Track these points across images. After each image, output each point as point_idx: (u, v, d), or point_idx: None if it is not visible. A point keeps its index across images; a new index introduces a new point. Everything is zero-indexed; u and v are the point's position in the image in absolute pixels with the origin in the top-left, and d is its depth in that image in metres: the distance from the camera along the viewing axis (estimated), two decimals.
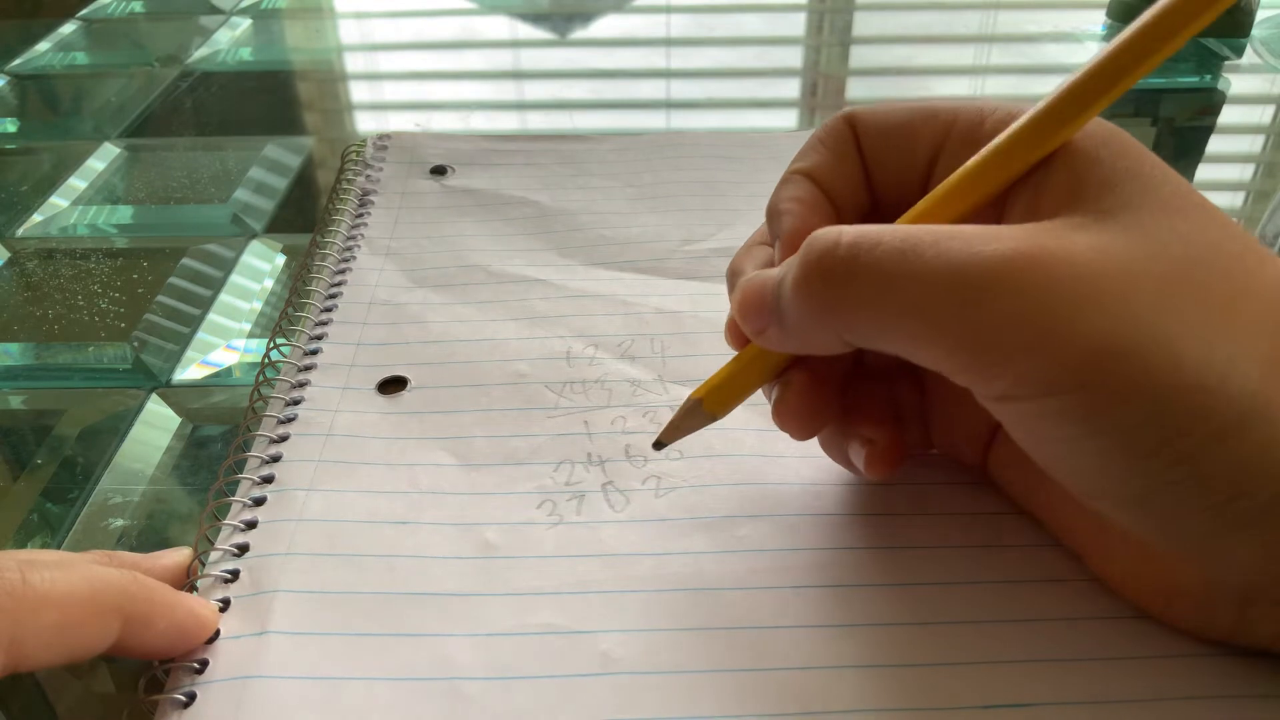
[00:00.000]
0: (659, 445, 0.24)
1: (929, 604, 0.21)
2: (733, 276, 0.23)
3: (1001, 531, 0.23)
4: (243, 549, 0.23)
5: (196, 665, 0.20)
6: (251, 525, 0.24)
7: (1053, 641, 0.20)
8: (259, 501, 0.24)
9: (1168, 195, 0.18)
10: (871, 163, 0.23)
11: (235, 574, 0.22)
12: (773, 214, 0.23)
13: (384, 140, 0.43)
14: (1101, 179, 0.18)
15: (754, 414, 0.27)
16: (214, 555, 0.23)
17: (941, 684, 0.20)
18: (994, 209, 0.20)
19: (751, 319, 0.21)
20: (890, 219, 0.21)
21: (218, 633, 0.21)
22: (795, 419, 0.22)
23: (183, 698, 0.20)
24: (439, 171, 0.41)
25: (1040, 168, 0.19)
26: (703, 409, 0.23)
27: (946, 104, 0.22)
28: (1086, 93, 0.19)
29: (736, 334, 0.23)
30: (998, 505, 0.24)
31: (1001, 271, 0.17)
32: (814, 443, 0.26)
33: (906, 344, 0.18)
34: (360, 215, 0.37)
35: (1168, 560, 0.19)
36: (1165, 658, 0.20)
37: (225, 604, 0.22)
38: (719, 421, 0.23)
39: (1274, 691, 0.19)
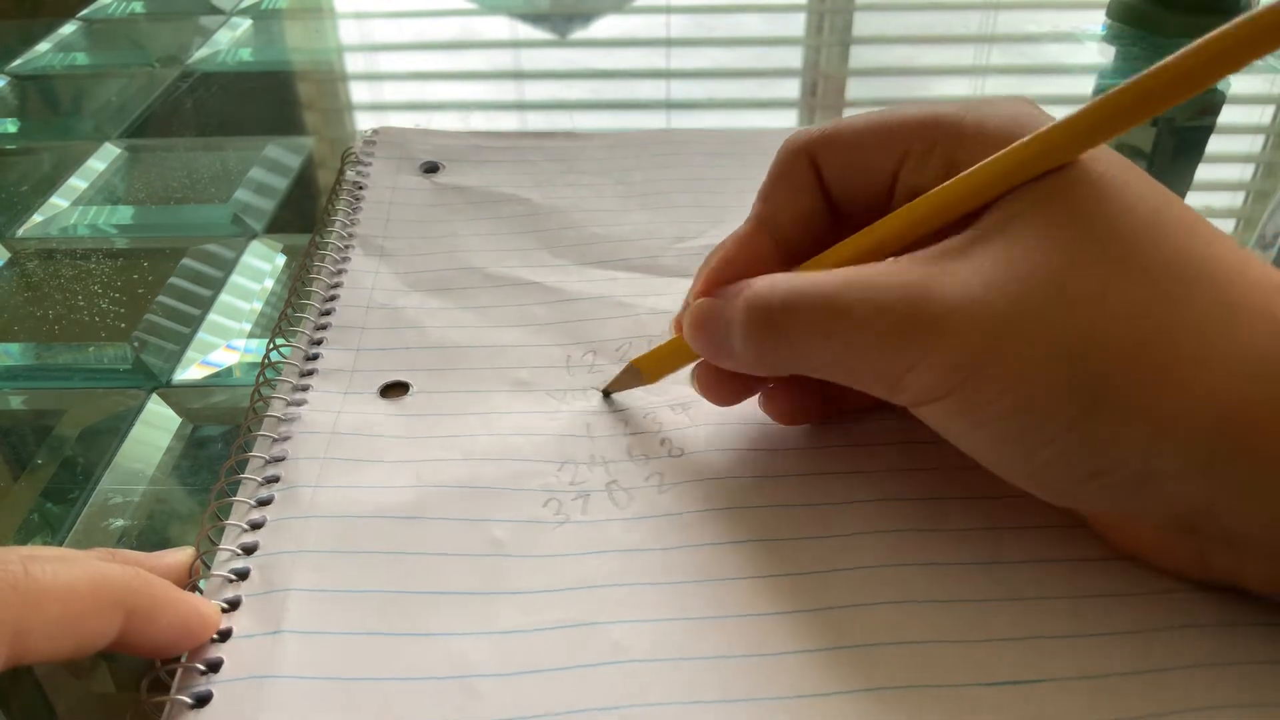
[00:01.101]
0: (606, 394, 0.28)
1: (929, 585, 0.22)
2: (695, 279, 0.26)
3: (998, 514, 0.23)
4: (250, 548, 0.23)
5: (203, 666, 0.20)
6: (258, 525, 0.24)
7: (1053, 618, 0.21)
8: (265, 502, 0.24)
9: (1081, 184, 0.20)
10: (834, 187, 0.24)
11: (244, 573, 0.23)
12: (718, 249, 0.25)
13: (373, 135, 0.43)
14: (1000, 211, 0.20)
15: (756, 409, 0.27)
16: (222, 555, 0.23)
17: (943, 662, 0.20)
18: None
19: (705, 345, 0.24)
20: (855, 229, 0.23)
21: (229, 631, 0.21)
22: (706, 388, 0.26)
23: (190, 699, 0.20)
24: (431, 169, 0.41)
25: None
26: (640, 375, 0.27)
27: (901, 118, 0.23)
28: (1018, 168, 0.20)
29: (678, 325, 0.26)
30: (992, 489, 0.24)
31: (893, 312, 0.20)
32: (814, 437, 0.26)
33: (836, 373, 0.22)
34: (353, 213, 0.37)
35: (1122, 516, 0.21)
36: (1141, 595, 0.21)
37: (235, 603, 0.22)
38: (720, 418, 0.26)
39: (1232, 620, 0.21)
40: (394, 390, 0.29)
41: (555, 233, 0.36)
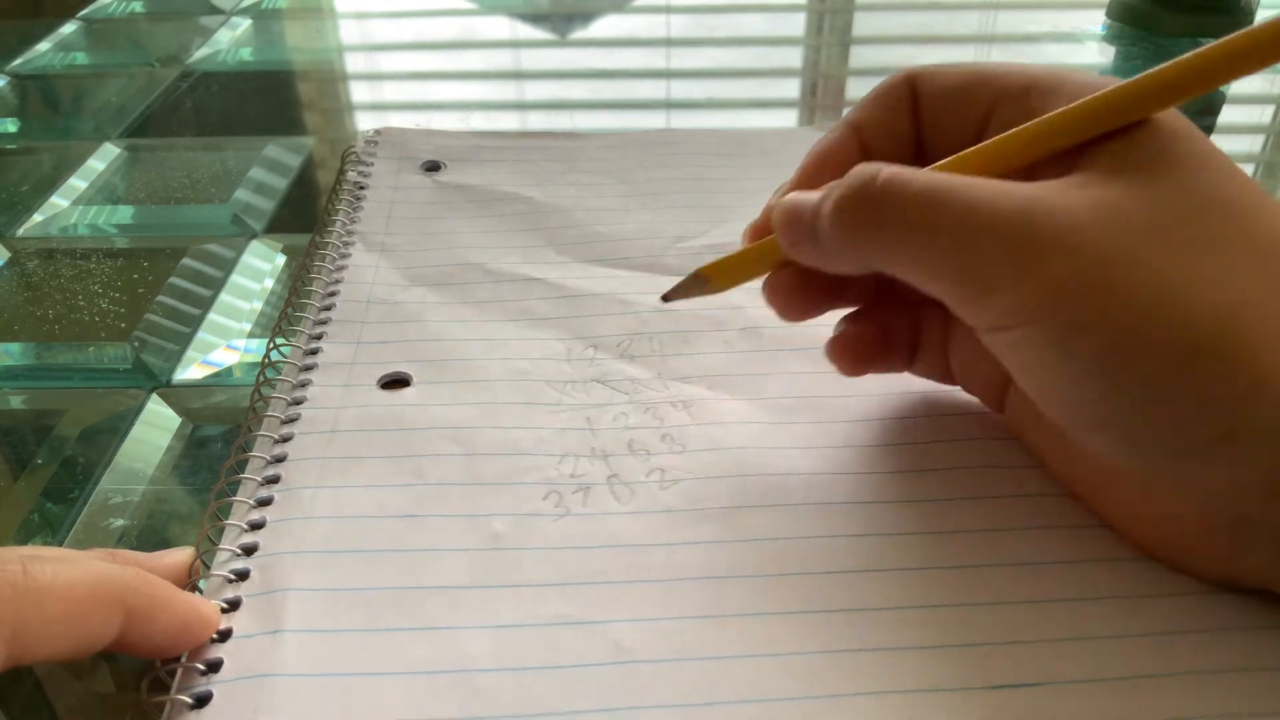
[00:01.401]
0: (666, 299, 0.27)
1: (933, 587, 0.22)
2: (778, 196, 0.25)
3: (1008, 516, 0.23)
4: (250, 549, 0.23)
5: (203, 666, 0.20)
6: (258, 526, 0.24)
7: (1062, 620, 0.21)
8: (265, 502, 0.24)
9: (1181, 154, 0.20)
10: (926, 124, 0.24)
11: (244, 573, 0.23)
12: (809, 152, 0.26)
13: (375, 135, 0.43)
14: (1122, 144, 0.20)
15: (756, 407, 0.27)
16: (222, 555, 0.23)
17: (947, 666, 0.20)
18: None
19: (789, 232, 0.23)
20: None
21: (230, 631, 0.21)
22: (777, 295, 0.25)
23: (190, 699, 0.20)
24: (432, 168, 0.41)
25: None
26: (709, 284, 0.26)
27: (998, 70, 0.23)
28: (1146, 93, 0.20)
29: (754, 235, 0.26)
30: (999, 489, 0.24)
31: (1002, 218, 0.20)
32: (814, 436, 0.26)
33: (915, 273, 0.21)
34: (354, 212, 0.37)
35: (1162, 495, 0.21)
36: (1160, 596, 0.21)
37: (235, 603, 0.22)
38: (721, 417, 0.26)
39: (1263, 624, 0.20)
40: (394, 384, 0.29)
41: (557, 231, 0.36)
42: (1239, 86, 0.51)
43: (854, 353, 0.26)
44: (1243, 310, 0.18)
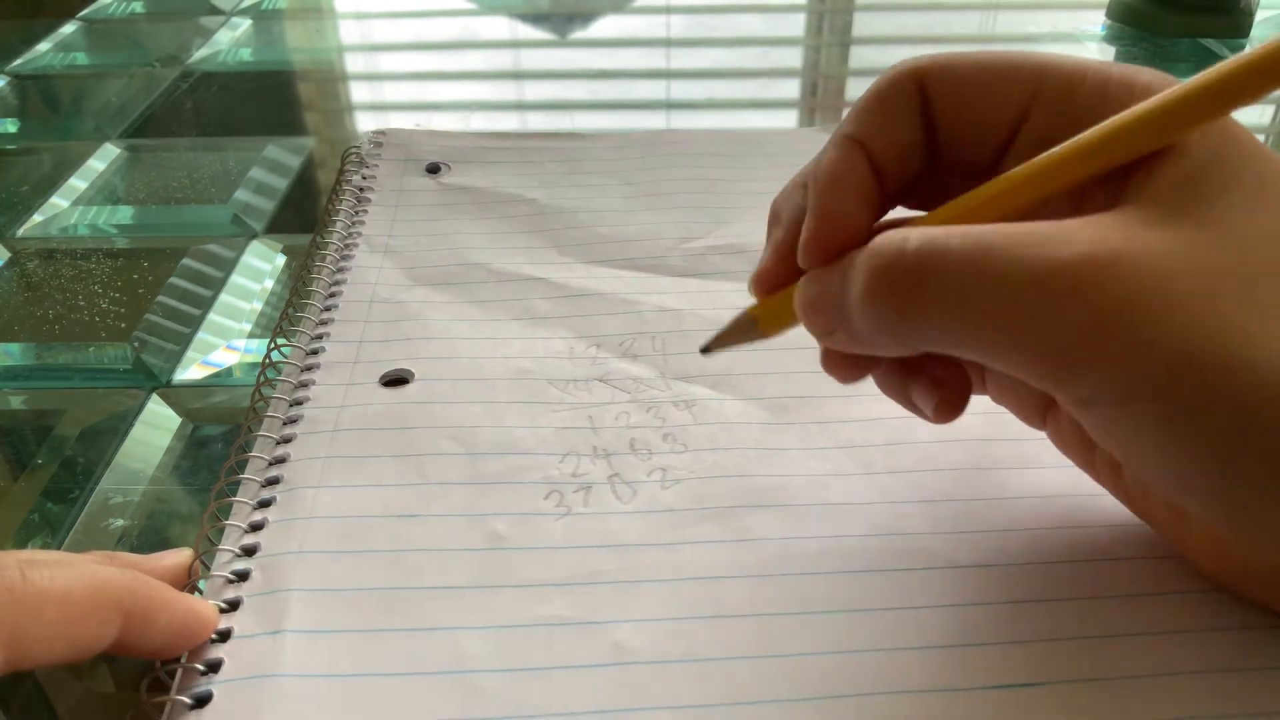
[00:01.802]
0: (707, 350, 0.23)
1: (936, 588, 0.22)
2: (774, 219, 0.22)
3: (1014, 515, 0.23)
4: (251, 550, 0.23)
5: (203, 667, 0.20)
6: (259, 526, 0.24)
7: (1071, 620, 0.21)
8: (267, 503, 0.24)
9: (1258, 177, 0.17)
10: (941, 125, 0.21)
11: (245, 574, 0.22)
12: (812, 181, 0.21)
13: (379, 137, 0.43)
14: (1185, 163, 0.17)
15: (757, 407, 0.27)
16: (223, 556, 0.23)
17: (951, 665, 0.20)
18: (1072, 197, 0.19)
19: (817, 323, 0.20)
20: (953, 179, 0.20)
21: (230, 632, 0.21)
22: (839, 367, 0.21)
23: (190, 700, 0.20)
24: (434, 170, 0.41)
25: None
26: (757, 327, 0.22)
27: (1031, 61, 0.20)
28: (1227, 90, 0.17)
29: (763, 283, 0.22)
30: (1006, 489, 0.24)
31: (1077, 278, 0.16)
32: (816, 437, 0.26)
33: (982, 352, 0.18)
34: (358, 214, 0.37)
35: (1260, 548, 0.19)
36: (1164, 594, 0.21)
37: (235, 604, 0.22)
38: (723, 417, 0.24)
39: (1261, 623, 0.20)
40: (396, 381, 0.29)
41: (560, 232, 0.36)
42: None
43: (948, 407, 0.21)
44: None
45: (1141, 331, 0.16)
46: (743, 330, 0.22)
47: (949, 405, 0.21)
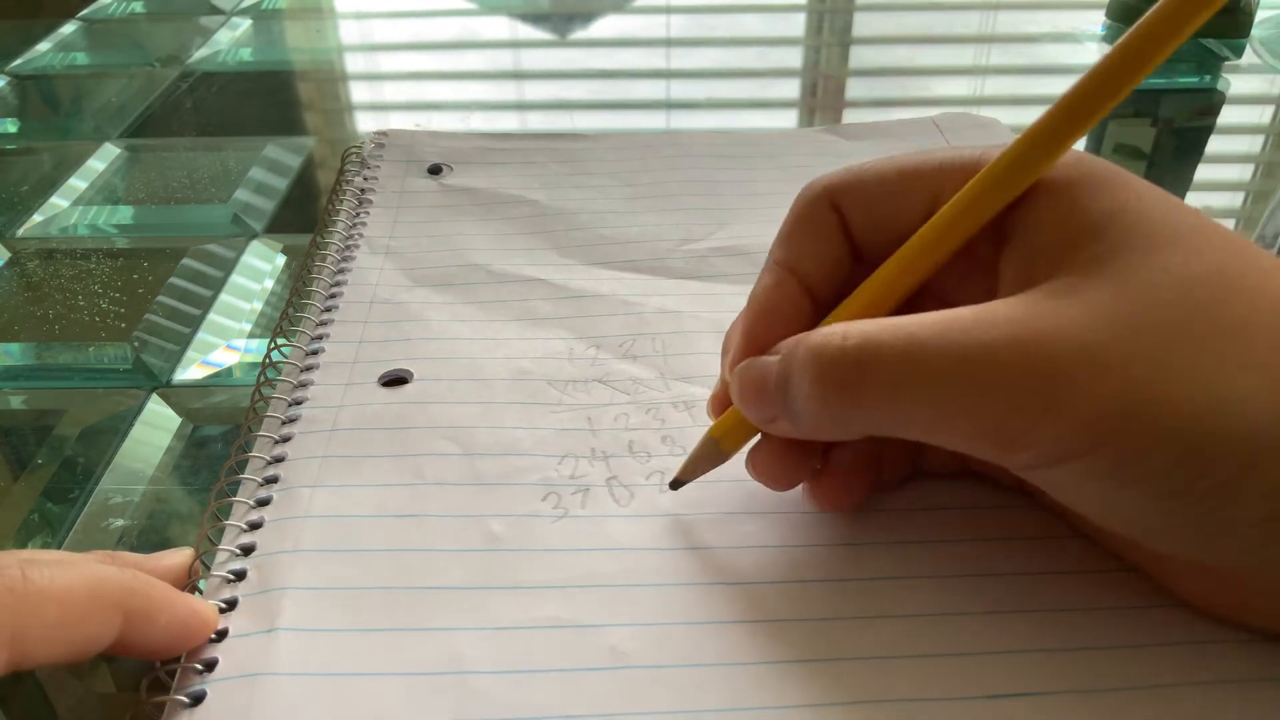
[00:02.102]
0: (677, 485, 0.24)
1: (931, 597, 0.22)
2: (725, 347, 0.24)
3: (1010, 524, 0.23)
4: (248, 549, 0.23)
5: (200, 666, 0.20)
6: (257, 525, 0.24)
7: (1057, 631, 0.21)
8: (264, 502, 0.24)
9: (1155, 227, 0.19)
10: (860, 235, 0.23)
11: (242, 574, 0.22)
12: (745, 309, 0.23)
13: (380, 138, 0.43)
14: (1084, 227, 0.19)
15: None
16: (220, 555, 0.23)
17: (946, 675, 0.20)
18: (985, 273, 0.21)
19: (756, 409, 0.21)
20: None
21: (226, 631, 0.21)
22: (763, 469, 0.23)
23: (187, 699, 0.20)
24: (436, 170, 0.41)
25: (1024, 218, 0.20)
26: (719, 448, 0.23)
27: (932, 162, 0.22)
28: (1049, 135, 0.19)
29: (719, 406, 0.24)
30: (1001, 499, 0.24)
31: (1002, 358, 0.18)
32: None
33: (924, 434, 0.19)
34: (359, 214, 0.37)
35: (1236, 575, 0.19)
36: (1189, 644, 0.20)
37: (232, 603, 0.22)
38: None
39: (1251, 637, 0.20)
40: (395, 381, 0.29)
41: (561, 233, 0.36)
42: (1239, 87, 0.51)
43: (851, 488, 0.23)
44: None
45: (1067, 396, 0.17)
46: (708, 454, 0.24)
47: (819, 491, 0.23)
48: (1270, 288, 0.18)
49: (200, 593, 0.22)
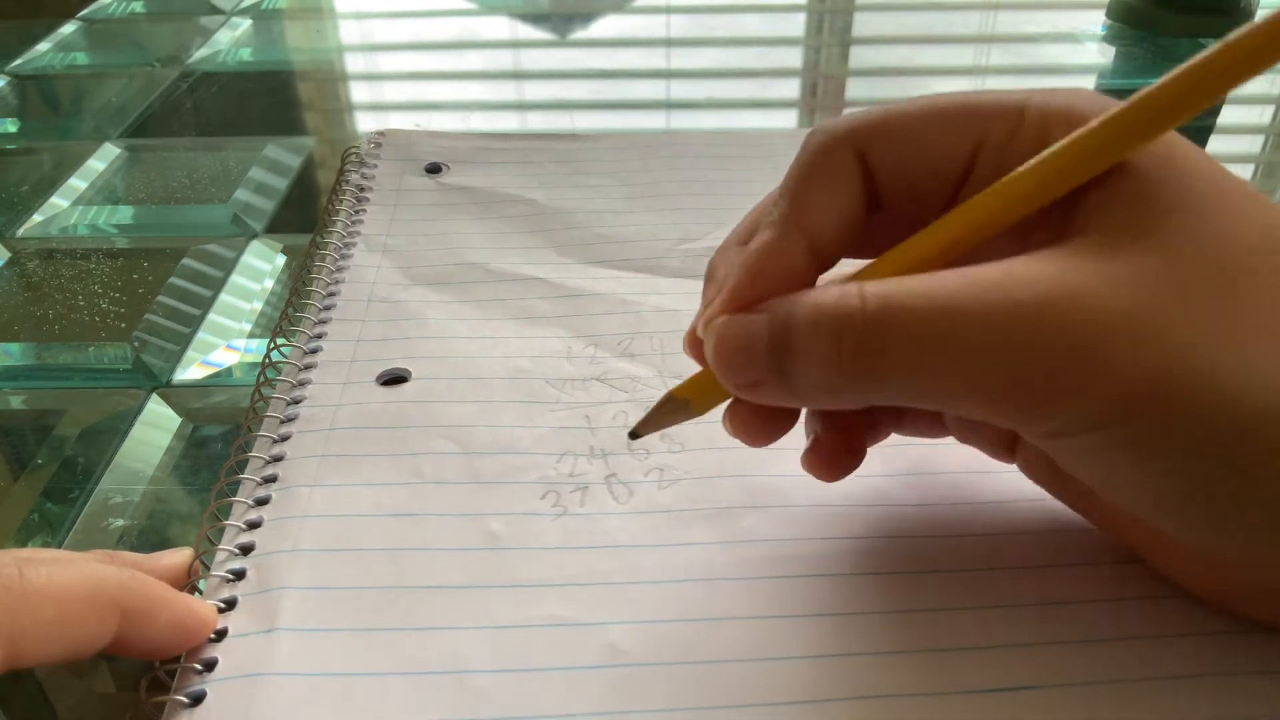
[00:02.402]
0: (635, 435, 0.23)
1: (933, 591, 0.22)
2: (710, 277, 0.22)
3: (1009, 519, 0.23)
4: (247, 549, 0.23)
5: (200, 665, 0.20)
6: (255, 525, 0.24)
7: (1061, 624, 0.21)
8: (263, 501, 0.24)
9: (1203, 189, 0.17)
10: (884, 187, 0.20)
11: (241, 573, 0.22)
12: (744, 256, 0.20)
13: (378, 137, 0.43)
14: (1129, 186, 0.18)
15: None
16: (219, 555, 0.23)
17: (947, 669, 0.20)
18: (1011, 233, 0.19)
19: (740, 371, 0.19)
20: (897, 231, 0.19)
21: (225, 631, 0.21)
22: (742, 426, 0.21)
23: (187, 699, 0.20)
24: (434, 170, 0.41)
25: None
26: (690, 409, 0.22)
27: (970, 105, 0.20)
28: (1151, 114, 0.17)
29: (697, 344, 0.21)
30: (1001, 494, 0.24)
31: (1038, 320, 0.17)
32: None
33: (946, 402, 0.18)
34: (356, 213, 0.37)
35: (1238, 565, 0.19)
36: (1201, 635, 0.20)
37: (232, 603, 0.22)
38: (720, 416, 0.23)
39: (1246, 627, 0.20)
40: (393, 380, 0.29)
41: (559, 233, 0.36)
42: (1239, 87, 0.51)
43: (837, 460, 0.22)
44: None
45: (1103, 364, 0.16)
46: (673, 412, 0.22)
47: (813, 459, 0.22)
48: None
49: (200, 593, 0.22)
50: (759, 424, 0.21)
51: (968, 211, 0.19)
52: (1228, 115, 0.49)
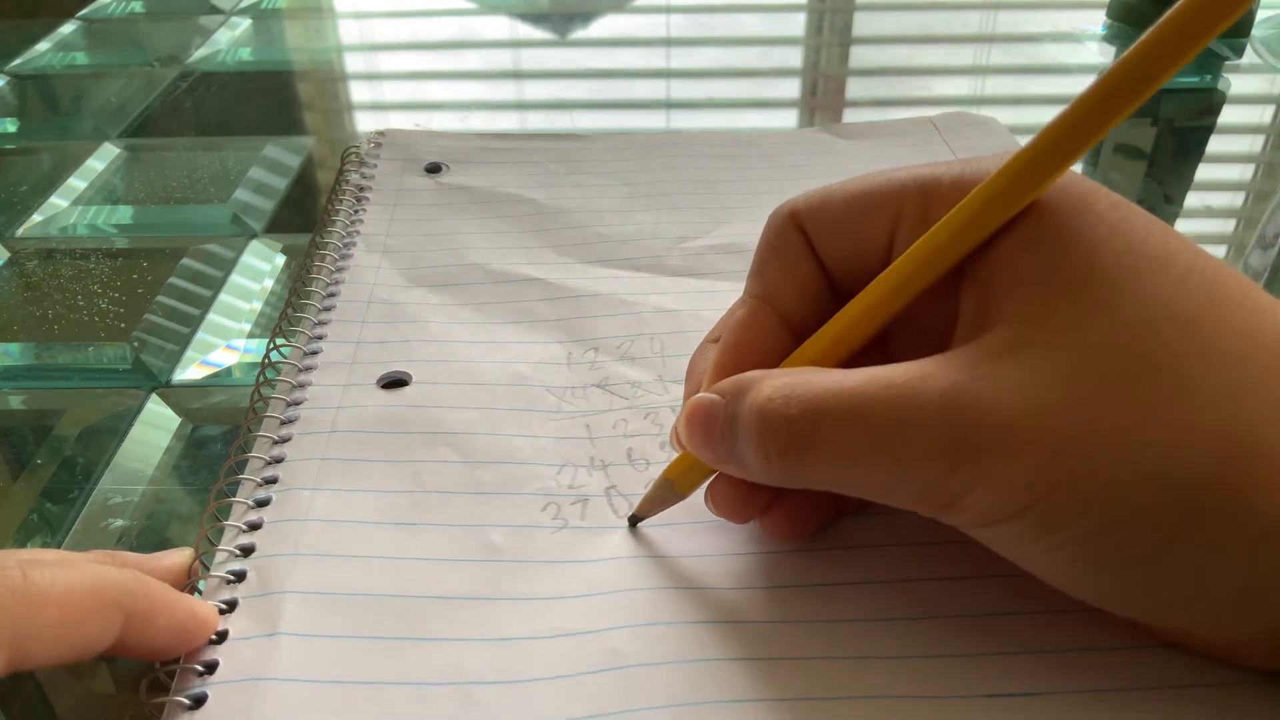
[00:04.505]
0: (635, 521, 0.24)
1: (933, 599, 0.22)
2: (690, 375, 0.24)
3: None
4: (247, 550, 0.23)
5: (201, 667, 0.20)
6: (256, 526, 0.24)
7: (1060, 633, 0.21)
8: (263, 503, 0.24)
9: (1110, 264, 0.18)
10: (827, 260, 0.22)
11: (241, 575, 0.22)
12: (722, 339, 0.23)
13: (378, 137, 0.43)
14: (1033, 269, 0.18)
15: None
16: (219, 556, 0.23)
17: (944, 675, 0.20)
18: (951, 299, 0.20)
19: (705, 451, 0.21)
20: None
21: (226, 633, 0.21)
22: (724, 504, 0.22)
23: (187, 700, 0.20)
24: (434, 169, 0.41)
25: (980, 252, 0.19)
26: (675, 489, 0.23)
27: (892, 180, 0.21)
28: (1010, 187, 0.19)
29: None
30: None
31: (935, 425, 0.18)
32: None
33: (869, 494, 0.19)
34: (356, 213, 0.37)
35: (1189, 633, 0.19)
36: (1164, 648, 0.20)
37: (232, 605, 0.22)
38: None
39: None
40: (394, 384, 0.29)
41: (559, 232, 0.36)
42: (1239, 87, 0.51)
43: (800, 521, 0.23)
44: (1234, 455, 0.16)
45: (992, 466, 0.17)
46: (663, 495, 0.23)
47: (770, 524, 0.23)
48: (1229, 326, 0.17)
49: (199, 593, 0.22)
50: (736, 503, 0.22)
51: (869, 290, 0.20)
52: (1228, 115, 0.49)
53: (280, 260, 0.38)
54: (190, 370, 0.32)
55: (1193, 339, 0.17)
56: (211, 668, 0.20)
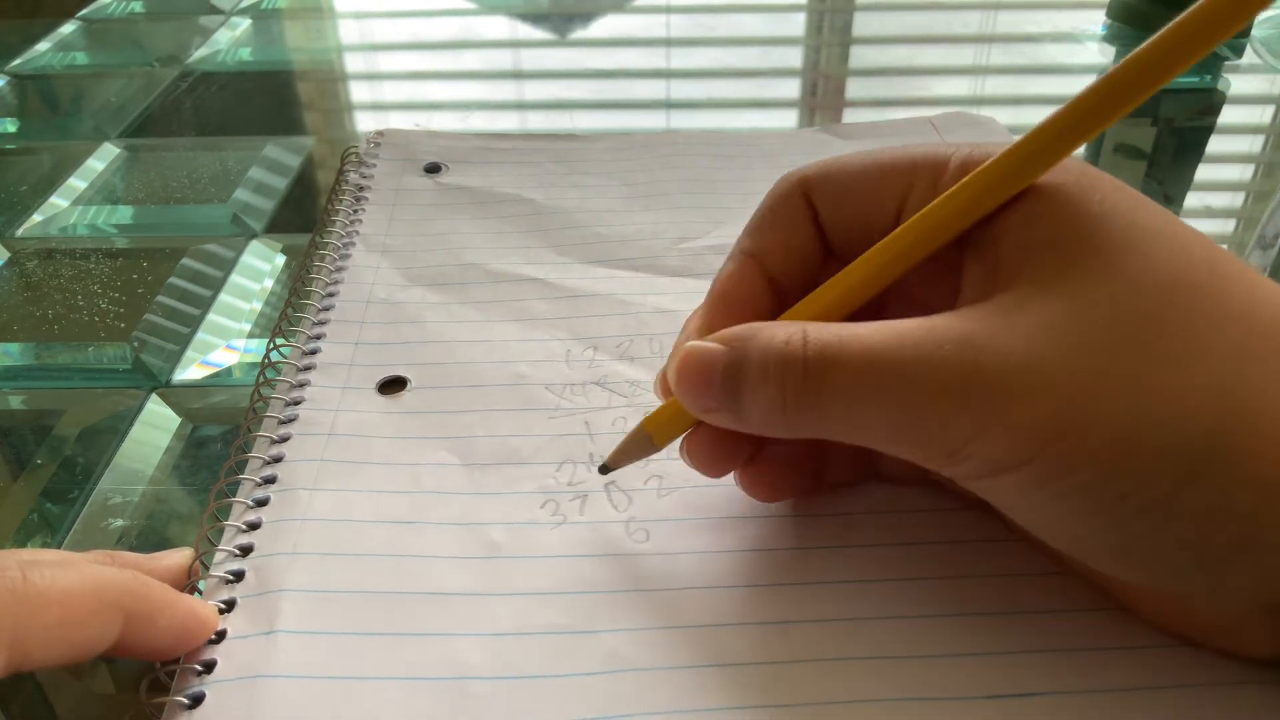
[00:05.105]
0: (605, 470, 0.24)
1: (933, 598, 0.22)
2: (684, 328, 0.24)
3: (1008, 528, 0.23)
4: (246, 550, 0.23)
5: (200, 666, 0.20)
6: (255, 526, 0.24)
7: (1059, 633, 0.21)
8: (262, 502, 0.24)
9: (1115, 235, 0.18)
10: (830, 227, 0.22)
11: (240, 574, 0.22)
12: (708, 294, 0.23)
13: (377, 137, 0.43)
14: (1043, 238, 0.19)
15: None
16: (218, 556, 0.23)
17: (946, 675, 0.20)
18: (953, 273, 0.21)
19: (699, 397, 0.21)
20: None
21: (224, 633, 0.21)
22: (699, 456, 0.22)
23: (187, 700, 0.20)
24: (433, 169, 0.41)
25: (987, 224, 0.20)
26: (652, 441, 0.23)
27: (905, 155, 0.21)
28: (1033, 155, 0.19)
29: (666, 387, 0.23)
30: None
31: (947, 374, 0.18)
32: None
33: (875, 442, 0.20)
34: (355, 213, 0.37)
35: (1181, 597, 0.19)
36: (1169, 647, 0.20)
37: (231, 604, 0.22)
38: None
39: None
40: (392, 386, 0.29)
41: (558, 232, 0.36)
42: (1239, 87, 0.51)
43: (772, 491, 0.23)
44: (1239, 412, 0.17)
45: (1002, 412, 0.18)
46: (639, 445, 0.23)
47: (749, 480, 0.23)
48: (1232, 295, 0.18)
49: (199, 593, 0.22)
50: (712, 457, 0.22)
51: (879, 249, 0.21)
52: (1228, 115, 0.49)
53: (280, 260, 0.38)
54: (190, 370, 0.32)
55: (1199, 303, 0.18)
56: (210, 667, 0.20)
